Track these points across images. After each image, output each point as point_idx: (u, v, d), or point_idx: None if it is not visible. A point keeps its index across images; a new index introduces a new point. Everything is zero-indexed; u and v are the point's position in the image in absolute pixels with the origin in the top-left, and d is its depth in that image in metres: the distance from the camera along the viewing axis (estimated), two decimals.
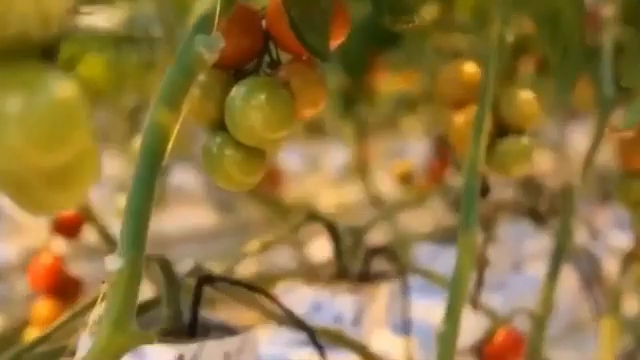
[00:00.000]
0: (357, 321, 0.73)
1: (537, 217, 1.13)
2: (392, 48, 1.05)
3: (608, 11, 0.79)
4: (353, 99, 1.02)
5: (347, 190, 1.96)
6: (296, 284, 0.75)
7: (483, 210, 0.84)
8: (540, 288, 1.02)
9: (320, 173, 2.49)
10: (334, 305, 0.73)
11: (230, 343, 0.60)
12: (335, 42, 0.46)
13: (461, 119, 0.63)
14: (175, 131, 0.41)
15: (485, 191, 0.60)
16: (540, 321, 0.72)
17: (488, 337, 0.70)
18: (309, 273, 0.77)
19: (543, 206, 1.15)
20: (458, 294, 0.56)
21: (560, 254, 0.74)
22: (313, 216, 0.76)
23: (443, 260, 0.92)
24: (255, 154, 0.46)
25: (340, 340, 0.69)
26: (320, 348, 0.59)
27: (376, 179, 1.47)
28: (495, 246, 1.07)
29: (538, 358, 0.71)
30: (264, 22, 0.47)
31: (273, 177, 2.17)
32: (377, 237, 1.20)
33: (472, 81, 0.63)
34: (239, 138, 0.45)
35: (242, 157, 0.46)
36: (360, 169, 2.00)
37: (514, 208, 0.98)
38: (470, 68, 0.64)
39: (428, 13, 1.17)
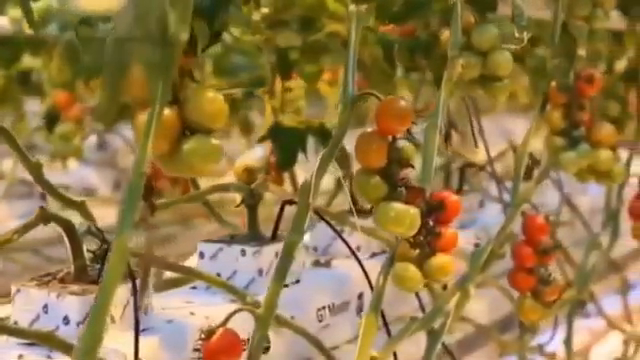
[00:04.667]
0: (84, 322, 0.73)
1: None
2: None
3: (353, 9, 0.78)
4: None
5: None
6: (28, 286, 0.75)
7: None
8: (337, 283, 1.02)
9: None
10: (61, 307, 0.73)
11: None
12: None
13: (143, 119, 0.63)
14: None
15: (149, 192, 0.60)
16: (263, 321, 0.71)
17: (207, 336, 0.70)
18: (43, 275, 0.77)
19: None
20: (105, 296, 0.56)
21: (288, 256, 0.73)
22: (50, 217, 0.76)
23: (225, 257, 0.92)
24: None
25: (52, 343, 0.69)
26: None
27: None
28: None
29: (258, 356, 0.71)
30: None
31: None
32: None
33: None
34: None
35: None
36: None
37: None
38: None
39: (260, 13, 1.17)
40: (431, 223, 0.82)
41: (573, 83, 1.05)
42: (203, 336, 0.70)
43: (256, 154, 1.52)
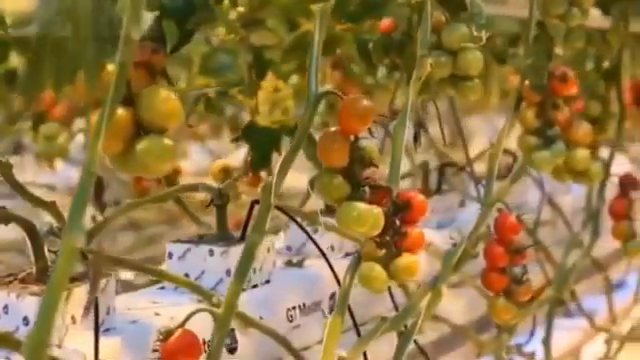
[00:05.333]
0: None
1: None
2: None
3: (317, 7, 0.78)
4: None
5: None
6: None
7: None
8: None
9: None
10: (21, 307, 0.73)
11: None
12: None
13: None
14: None
15: (100, 191, 0.60)
16: (222, 322, 0.71)
17: (165, 337, 0.70)
18: (5, 276, 0.77)
19: None
20: (52, 297, 0.55)
21: (249, 256, 0.73)
22: (11, 217, 0.76)
23: (193, 258, 0.92)
24: None
25: (8, 343, 0.68)
26: None
27: None
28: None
29: (218, 357, 0.71)
30: None
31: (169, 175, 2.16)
32: None
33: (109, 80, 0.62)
34: None
35: None
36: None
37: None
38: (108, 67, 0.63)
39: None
40: (397, 223, 0.82)
41: (547, 82, 1.04)
42: (161, 337, 0.70)
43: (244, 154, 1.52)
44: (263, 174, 1.29)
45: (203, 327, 0.73)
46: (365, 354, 0.92)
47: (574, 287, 1.53)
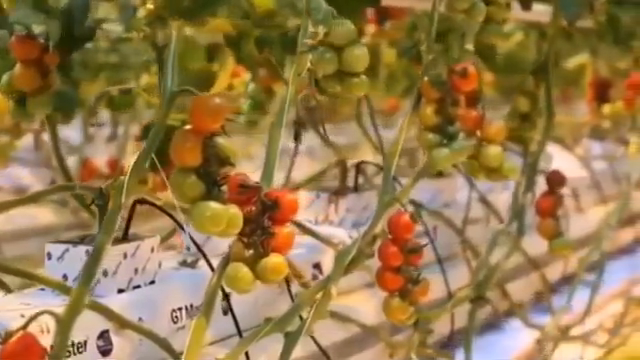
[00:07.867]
0: None
1: None
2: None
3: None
4: None
5: None
6: None
7: None
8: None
9: None
10: None
11: None
12: None
13: None
14: None
15: None
16: (63, 325, 0.70)
17: (4, 340, 0.68)
18: None
19: None
20: None
21: (97, 257, 0.72)
22: None
23: (71, 258, 0.91)
24: None
25: None
26: None
27: None
28: None
29: None
30: None
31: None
32: None
33: None
34: None
35: None
36: None
37: None
38: None
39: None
40: (266, 223, 0.80)
41: (447, 78, 1.03)
42: (1, 339, 0.69)
43: None
44: None
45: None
46: (247, 355, 0.91)
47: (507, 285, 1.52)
